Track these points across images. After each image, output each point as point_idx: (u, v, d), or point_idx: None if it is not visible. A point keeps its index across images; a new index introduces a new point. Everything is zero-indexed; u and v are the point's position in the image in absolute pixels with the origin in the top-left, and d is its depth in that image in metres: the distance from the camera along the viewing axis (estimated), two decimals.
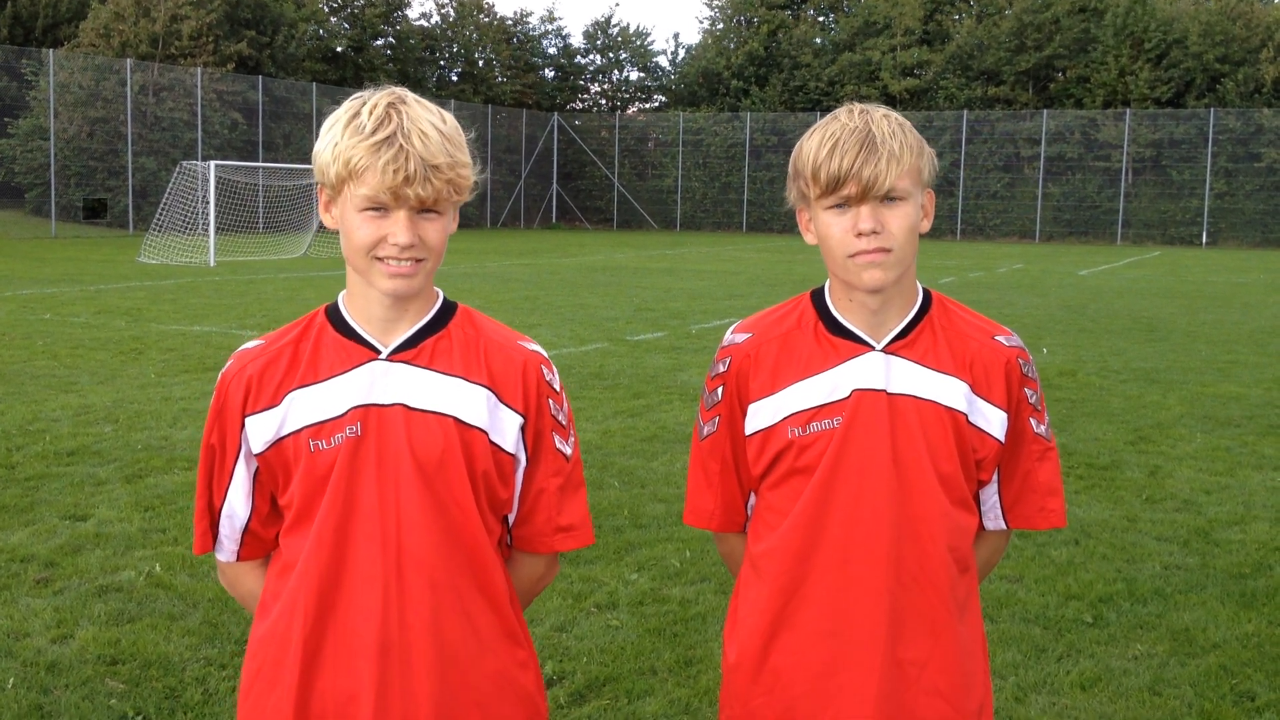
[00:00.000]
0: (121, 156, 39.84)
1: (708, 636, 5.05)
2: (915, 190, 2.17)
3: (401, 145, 1.98)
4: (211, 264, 26.15)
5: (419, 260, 2.05)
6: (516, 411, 2.16)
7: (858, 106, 2.19)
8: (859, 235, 2.14)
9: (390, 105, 2.02)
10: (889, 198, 2.13)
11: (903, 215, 2.15)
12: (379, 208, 2.02)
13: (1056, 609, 5.45)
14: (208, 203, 28.16)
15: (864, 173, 2.10)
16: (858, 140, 2.12)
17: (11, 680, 4.50)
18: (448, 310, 2.19)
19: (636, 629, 5.14)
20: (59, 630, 5.00)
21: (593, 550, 6.11)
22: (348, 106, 2.06)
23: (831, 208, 2.17)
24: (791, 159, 2.25)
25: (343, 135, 2.02)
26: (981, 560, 2.40)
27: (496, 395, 2.14)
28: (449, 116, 2.08)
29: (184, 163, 31.79)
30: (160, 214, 29.74)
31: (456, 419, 2.11)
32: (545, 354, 2.23)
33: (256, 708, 2.15)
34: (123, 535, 6.25)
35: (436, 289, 2.19)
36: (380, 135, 1.98)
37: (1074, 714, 4.43)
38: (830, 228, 2.18)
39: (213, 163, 28.94)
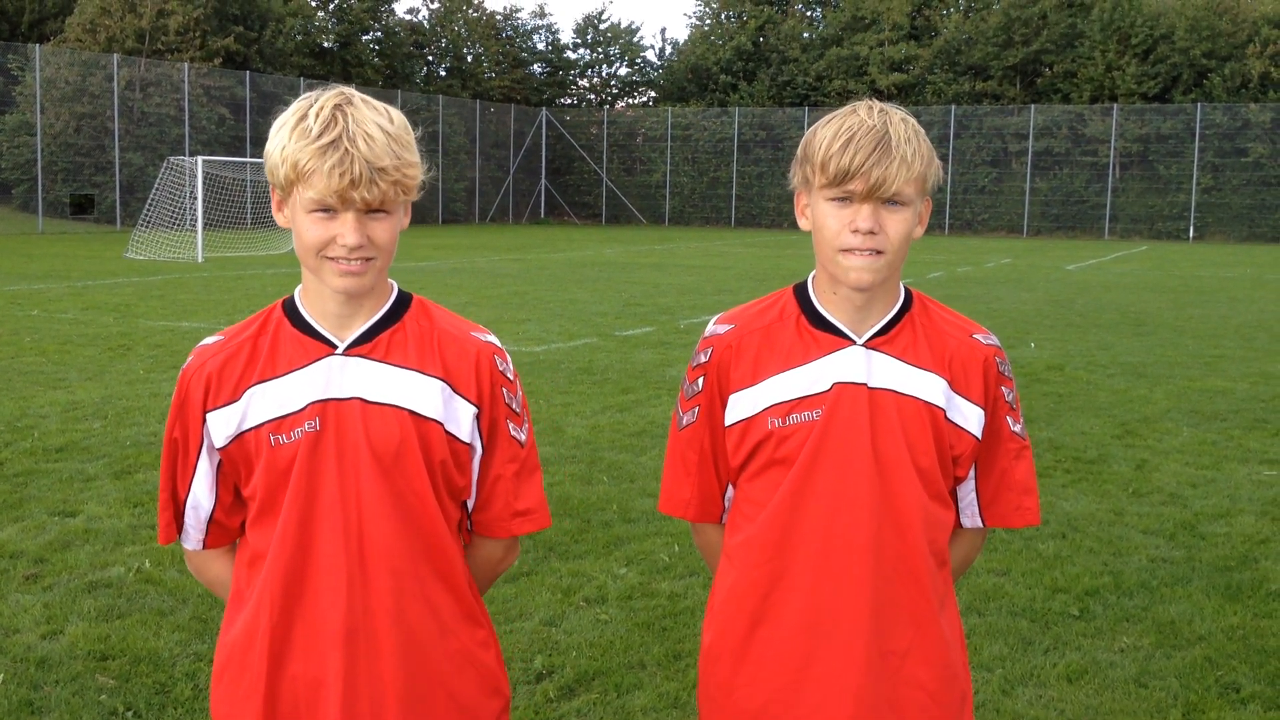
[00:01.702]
0: (108, 152, 39.71)
1: (697, 630, 5.06)
2: (917, 198, 2.20)
3: (347, 149, 2.00)
4: (199, 260, 26.08)
5: (368, 259, 2.09)
6: (470, 402, 2.20)
7: (877, 105, 2.21)
8: (854, 232, 2.16)
9: (337, 107, 2.04)
10: (892, 201, 2.16)
11: (901, 220, 2.18)
12: (327, 209, 2.05)
13: (1043, 602, 5.48)
14: (195, 198, 28.11)
15: (873, 173, 2.13)
16: (873, 139, 2.14)
17: (1, 676, 4.50)
18: (402, 303, 2.23)
19: (626, 623, 5.16)
20: (49, 626, 5.00)
21: (582, 545, 6.14)
22: (296, 108, 2.08)
23: (833, 199, 2.19)
24: (802, 143, 2.26)
25: (290, 138, 2.04)
26: (958, 558, 2.42)
27: (451, 386, 2.19)
28: (396, 115, 2.10)
29: (171, 158, 31.73)
30: (148, 210, 29.67)
31: (412, 411, 2.16)
32: (499, 344, 2.28)
33: (228, 694, 2.21)
34: (112, 531, 6.25)
35: (391, 281, 2.23)
36: (326, 139, 2.01)
37: (1060, 706, 4.46)
38: (827, 218, 2.20)
39: (200, 158, 28.85)
